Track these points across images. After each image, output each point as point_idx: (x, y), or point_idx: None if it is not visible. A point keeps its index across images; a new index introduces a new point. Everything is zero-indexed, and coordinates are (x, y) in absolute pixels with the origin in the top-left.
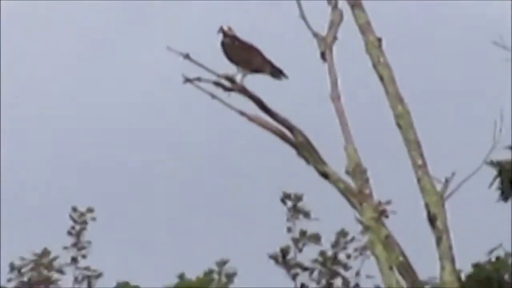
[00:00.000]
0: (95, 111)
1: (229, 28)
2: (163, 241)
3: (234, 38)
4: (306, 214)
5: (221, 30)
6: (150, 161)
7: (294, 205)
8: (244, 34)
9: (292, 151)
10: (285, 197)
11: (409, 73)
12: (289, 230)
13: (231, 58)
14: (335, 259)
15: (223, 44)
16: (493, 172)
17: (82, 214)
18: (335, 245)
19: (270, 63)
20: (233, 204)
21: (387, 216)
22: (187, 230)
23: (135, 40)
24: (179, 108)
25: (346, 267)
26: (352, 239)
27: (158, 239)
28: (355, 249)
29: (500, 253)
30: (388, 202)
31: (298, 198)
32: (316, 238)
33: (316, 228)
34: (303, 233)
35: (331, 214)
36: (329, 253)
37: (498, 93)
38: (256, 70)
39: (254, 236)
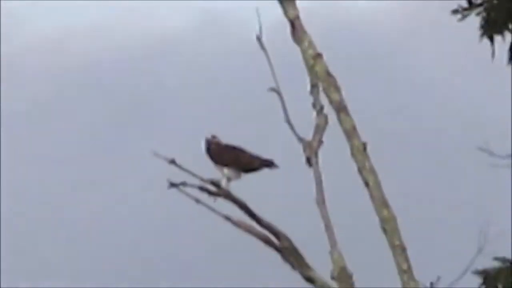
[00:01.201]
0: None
1: (213, 136)
2: None
3: (218, 143)
4: None
5: (206, 140)
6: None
7: None
8: (228, 140)
9: (277, 256)
10: None
11: (394, 177)
12: None
13: (218, 161)
14: None
15: (208, 150)
16: (478, 279)
17: None
18: None
19: (258, 158)
20: None
21: None
22: None
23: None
24: (165, 213)
25: None
26: None
27: None
28: None
29: None
30: None
31: None
32: None
33: None
34: None
35: None
36: None
37: (485, 199)
38: (247, 167)
39: None
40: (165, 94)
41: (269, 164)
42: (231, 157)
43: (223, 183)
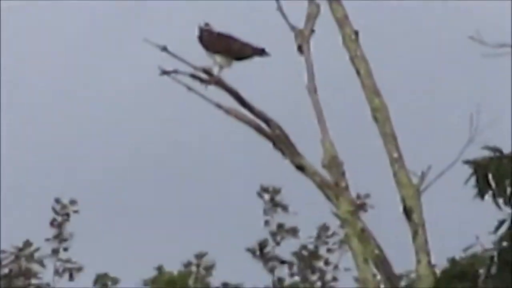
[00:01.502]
0: (80, 102)
1: (206, 24)
2: (142, 234)
3: (211, 31)
4: (284, 208)
5: (198, 27)
6: (131, 154)
7: (272, 199)
8: (221, 28)
9: (268, 144)
10: (262, 191)
11: (386, 66)
12: (267, 223)
13: (210, 48)
14: (315, 253)
15: (200, 38)
16: (469, 169)
17: (64, 206)
18: (316, 239)
19: (250, 45)
20: (210, 197)
21: (365, 210)
22: (166, 223)
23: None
24: (157, 100)
25: (326, 262)
26: (333, 234)
27: (138, 232)
28: (334, 243)
29: (477, 248)
30: (367, 196)
31: (276, 191)
32: (294, 232)
33: (293, 222)
34: (280, 226)
35: (308, 208)
36: (310, 247)
37: (476, 88)
38: (238, 55)
39: (232, 229)
40: None
41: (260, 52)
42: (222, 45)
43: (215, 70)
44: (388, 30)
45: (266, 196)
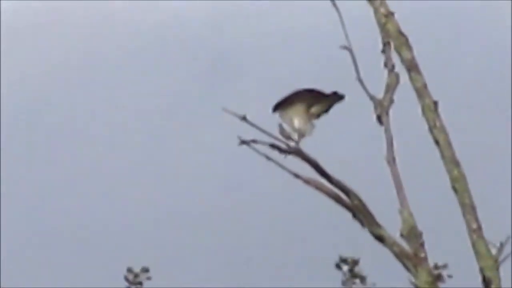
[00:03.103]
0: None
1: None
2: None
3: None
4: (363, 279)
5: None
6: (205, 215)
7: (351, 269)
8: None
9: (347, 214)
10: (341, 261)
11: (466, 134)
12: None
13: (283, 102)
14: None
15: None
16: None
17: (136, 275)
18: None
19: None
20: (288, 267)
21: (443, 281)
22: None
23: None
24: (237, 169)
25: None
26: None
27: None
28: None
29: None
30: (444, 266)
31: (355, 262)
32: None
33: None
34: None
35: (386, 279)
36: None
37: None
38: (313, 100)
39: None
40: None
41: (336, 97)
42: (295, 95)
43: (294, 140)
44: (468, 96)
45: (345, 267)
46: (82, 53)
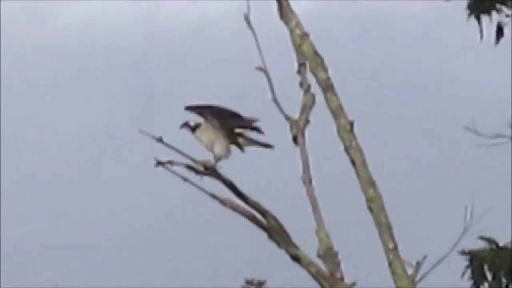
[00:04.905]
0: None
1: (184, 124)
2: None
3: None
4: None
5: (186, 124)
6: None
7: None
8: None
9: (262, 235)
10: (247, 283)
11: (382, 155)
12: None
13: (198, 112)
14: None
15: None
16: (464, 260)
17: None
18: None
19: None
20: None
21: None
22: None
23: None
24: (151, 190)
25: None
26: None
27: None
28: None
29: None
30: (353, 284)
31: (261, 283)
32: None
33: None
34: None
35: None
36: None
37: (470, 177)
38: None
39: None
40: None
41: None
42: (210, 110)
43: (211, 162)
44: (381, 119)
45: None
46: (15, 75)
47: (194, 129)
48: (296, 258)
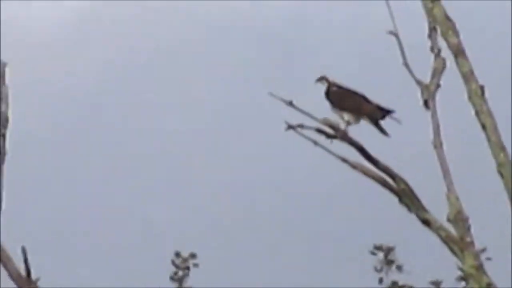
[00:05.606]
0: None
1: (321, 78)
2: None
3: (339, 86)
4: (398, 267)
5: (323, 78)
6: (252, 204)
7: (386, 256)
8: (347, 82)
9: (393, 198)
10: (375, 248)
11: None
12: (380, 281)
13: (338, 105)
14: None
15: (327, 92)
16: None
17: (185, 260)
18: None
19: (379, 109)
20: (322, 250)
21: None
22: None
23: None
24: (283, 153)
25: None
26: None
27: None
28: None
29: None
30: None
31: (389, 249)
32: None
33: (405, 281)
34: (394, 283)
35: (424, 267)
36: None
37: None
38: (367, 117)
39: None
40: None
41: (389, 114)
42: (352, 104)
43: (341, 125)
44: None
45: (380, 254)
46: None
47: (330, 83)
48: (426, 222)
